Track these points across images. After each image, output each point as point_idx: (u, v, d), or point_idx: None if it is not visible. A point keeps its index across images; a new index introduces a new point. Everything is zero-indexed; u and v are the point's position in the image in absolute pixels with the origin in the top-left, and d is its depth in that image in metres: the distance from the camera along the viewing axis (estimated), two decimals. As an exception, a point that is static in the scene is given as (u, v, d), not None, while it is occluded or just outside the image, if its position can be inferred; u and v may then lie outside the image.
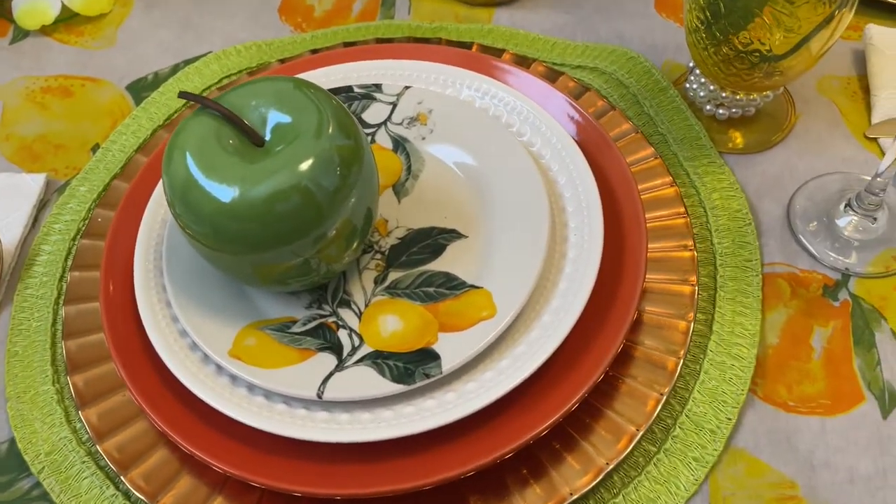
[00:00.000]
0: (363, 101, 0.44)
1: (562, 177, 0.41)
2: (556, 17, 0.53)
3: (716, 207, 0.43)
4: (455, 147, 0.42)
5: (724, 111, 0.46)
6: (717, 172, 0.44)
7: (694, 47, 0.43)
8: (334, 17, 0.55)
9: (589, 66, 0.50)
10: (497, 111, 0.43)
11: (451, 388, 0.34)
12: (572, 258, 0.38)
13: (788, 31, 0.39)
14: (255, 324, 0.37)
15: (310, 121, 0.33)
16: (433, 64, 0.45)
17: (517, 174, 0.40)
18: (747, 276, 0.41)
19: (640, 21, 0.53)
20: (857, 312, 0.40)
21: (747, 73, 0.42)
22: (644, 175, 0.43)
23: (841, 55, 0.50)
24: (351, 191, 0.34)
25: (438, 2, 0.55)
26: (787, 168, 0.45)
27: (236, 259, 0.34)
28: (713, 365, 0.38)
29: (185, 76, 0.51)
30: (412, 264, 0.39)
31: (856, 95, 0.48)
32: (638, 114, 0.47)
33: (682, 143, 0.46)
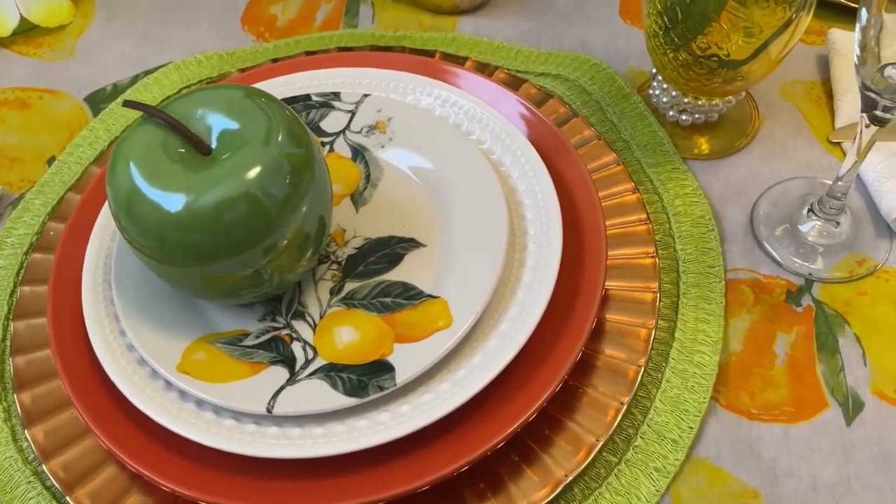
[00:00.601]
0: (321, 109, 0.43)
1: (521, 184, 0.40)
2: (521, 25, 0.53)
3: (679, 213, 0.43)
4: (414, 155, 0.42)
5: (688, 117, 0.46)
6: (681, 178, 0.44)
7: (654, 53, 0.43)
8: (297, 27, 0.54)
9: (552, 74, 0.49)
10: (457, 119, 0.43)
11: (406, 401, 0.33)
12: (531, 266, 0.37)
13: (747, 36, 0.39)
14: (206, 337, 0.36)
15: (258, 128, 0.33)
16: (393, 72, 0.45)
17: (476, 182, 0.39)
18: (710, 282, 0.40)
19: (604, 28, 0.53)
20: (821, 318, 0.39)
21: (707, 78, 0.41)
22: (606, 181, 0.43)
23: (804, 60, 0.50)
24: (302, 199, 0.33)
25: (402, 10, 0.55)
26: (751, 173, 0.45)
27: (184, 272, 0.33)
28: (675, 373, 0.37)
29: (144, 87, 0.50)
30: (369, 274, 0.38)
31: (819, 100, 0.48)
32: (601, 120, 0.47)
33: (646, 150, 0.46)
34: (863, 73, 0.34)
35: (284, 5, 0.55)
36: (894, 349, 0.38)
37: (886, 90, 0.34)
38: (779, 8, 0.38)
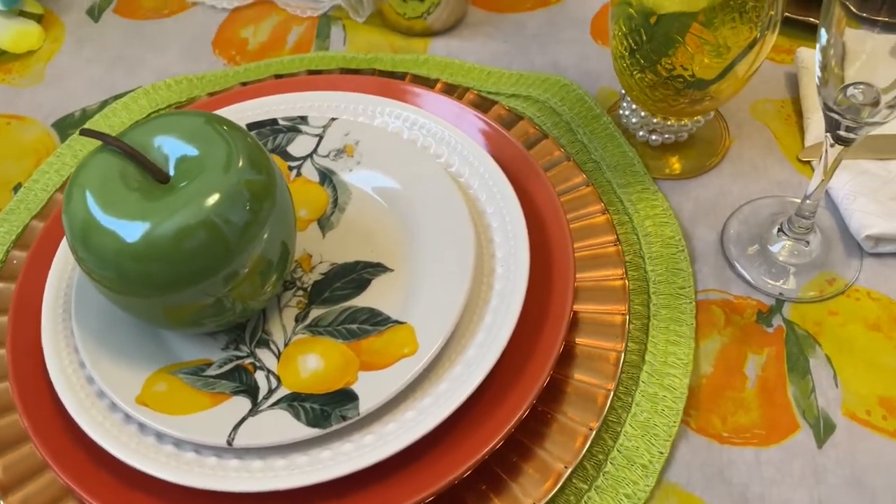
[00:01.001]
0: (288, 133, 0.43)
1: (490, 206, 0.40)
2: (493, 46, 0.53)
3: (649, 234, 0.43)
4: (382, 178, 0.41)
5: (658, 137, 0.46)
6: (651, 199, 0.44)
7: (621, 74, 0.43)
8: (269, 50, 0.54)
9: (523, 95, 0.49)
10: (426, 142, 0.43)
11: (370, 430, 0.33)
12: (498, 290, 0.37)
13: (714, 57, 0.39)
14: (167, 368, 0.35)
15: (217, 155, 0.32)
16: (362, 95, 0.44)
17: (444, 205, 0.39)
18: (680, 303, 0.40)
19: (575, 48, 0.53)
20: (792, 339, 0.39)
21: (674, 98, 0.41)
22: (576, 203, 0.43)
23: (774, 79, 0.50)
24: (263, 226, 0.33)
25: (374, 32, 0.54)
26: (722, 193, 0.45)
27: (144, 302, 0.32)
28: (645, 397, 0.37)
29: (112, 112, 0.50)
30: (335, 300, 0.37)
31: (789, 119, 0.48)
32: (571, 141, 0.47)
33: (616, 170, 0.45)
34: (825, 94, 0.34)
35: (256, 28, 0.55)
36: (865, 370, 0.38)
37: (849, 110, 0.34)
38: (745, 28, 0.38)
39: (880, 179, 0.43)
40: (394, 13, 0.53)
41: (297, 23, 0.55)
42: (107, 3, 0.57)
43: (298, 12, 0.55)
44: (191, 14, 0.56)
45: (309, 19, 0.55)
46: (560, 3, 0.56)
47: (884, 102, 0.33)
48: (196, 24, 0.56)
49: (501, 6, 0.56)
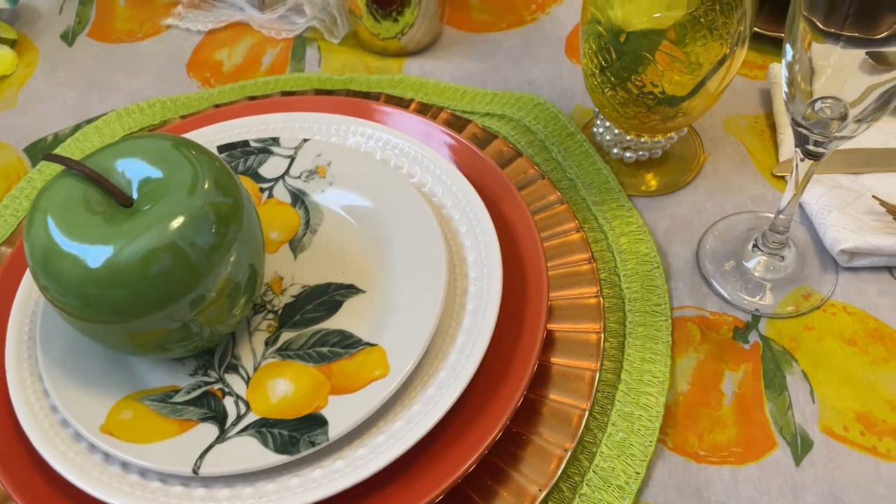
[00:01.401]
0: (260, 155, 0.43)
1: (463, 225, 0.40)
2: (468, 66, 0.53)
3: (624, 252, 0.42)
4: (355, 199, 0.41)
5: (632, 154, 0.46)
6: (626, 216, 0.44)
7: (593, 91, 0.43)
8: (244, 72, 0.54)
9: (497, 114, 0.49)
10: (398, 161, 0.42)
11: (340, 456, 0.32)
12: (471, 310, 0.36)
13: (685, 73, 0.39)
14: (134, 395, 0.35)
15: (182, 179, 0.32)
16: (334, 116, 0.44)
17: (417, 225, 0.39)
18: (656, 321, 0.40)
19: (549, 67, 0.53)
20: (768, 354, 0.39)
21: (645, 115, 0.41)
22: (550, 221, 0.42)
23: (747, 94, 0.50)
24: (229, 249, 0.32)
25: (349, 53, 0.54)
26: (696, 209, 0.45)
27: (108, 329, 0.32)
28: (621, 416, 0.36)
29: (84, 136, 0.49)
30: (306, 323, 0.37)
31: (763, 134, 0.48)
32: (546, 159, 0.47)
33: (591, 188, 0.45)
34: (793, 109, 0.34)
35: (230, 51, 0.55)
36: (842, 385, 0.37)
37: (816, 125, 0.34)
38: (715, 44, 0.39)
39: (854, 193, 0.43)
40: (368, 34, 0.53)
41: (272, 45, 0.55)
42: (81, 28, 0.57)
43: (273, 34, 0.55)
44: (165, 37, 0.56)
45: (284, 41, 0.55)
46: (534, 23, 0.56)
47: (851, 116, 0.33)
48: (170, 46, 0.55)
49: (476, 26, 0.56)
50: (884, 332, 0.39)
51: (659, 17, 0.37)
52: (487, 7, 0.57)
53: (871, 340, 0.39)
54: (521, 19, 0.56)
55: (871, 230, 0.41)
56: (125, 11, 0.58)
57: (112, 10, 0.58)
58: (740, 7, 0.38)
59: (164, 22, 0.57)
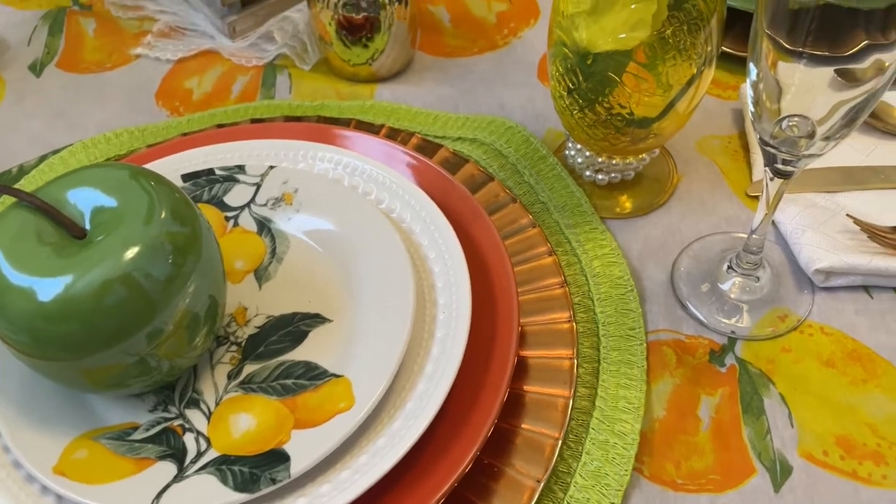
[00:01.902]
0: (225, 183, 0.42)
1: (432, 252, 0.39)
2: (440, 90, 0.53)
3: (597, 275, 0.42)
4: (321, 226, 0.40)
5: (604, 176, 0.45)
6: (599, 239, 0.43)
7: (562, 114, 0.42)
8: (213, 100, 0.53)
9: (468, 138, 0.49)
10: (367, 188, 0.42)
11: (302, 493, 0.31)
12: (440, 338, 0.35)
13: (652, 95, 0.39)
14: (90, 433, 0.33)
15: (138, 208, 0.31)
16: (302, 142, 0.44)
17: (385, 252, 0.38)
18: (631, 345, 0.39)
19: (521, 91, 0.52)
20: (745, 378, 0.38)
21: (614, 137, 0.41)
22: (522, 245, 0.42)
23: (719, 114, 0.50)
24: (187, 280, 0.31)
25: (319, 80, 0.54)
26: (671, 231, 0.44)
27: (62, 366, 0.31)
28: (595, 444, 0.35)
29: (49, 167, 0.49)
30: (271, 354, 0.36)
31: (736, 154, 0.48)
32: (518, 183, 0.46)
33: (564, 211, 0.45)
34: (760, 129, 0.34)
35: (200, 79, 0.54)
36: (821, 408, 0.36)
37: (784, 143, 0.33)
38: (684, 65, 0.38)
39: (828, 212, 0.43)
40: (339, 60, 0.53)
41: (243, 72, 0.55)
42: (49, 58, 0.57)
43: (244, 62, 0.55)
44: (135, 66, 0.56)
45: (254, 68, 0.55)
46: (507, 47, 0.56)
47: (819, 134, 0.32)
48: (140, 76, 0.55)
49: (448, 51, 0.56)
50: (861, 352, 0.38)
51: (624, 38, 0.37)
52: (460, 32, 0.57)
53: (849, 361, 0.38)
54: (493, 43, 0.56)
55: (846, 249, 0.40)
56: (94, 42, 0.58)
57: (81, 41, 0.58)
58: (707, 27, 0.38)
59: (133, 51, 0.56)
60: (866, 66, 0.30)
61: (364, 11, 0.50)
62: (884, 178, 0.44)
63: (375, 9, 0.50)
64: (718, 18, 0.38)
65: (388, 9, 0.50)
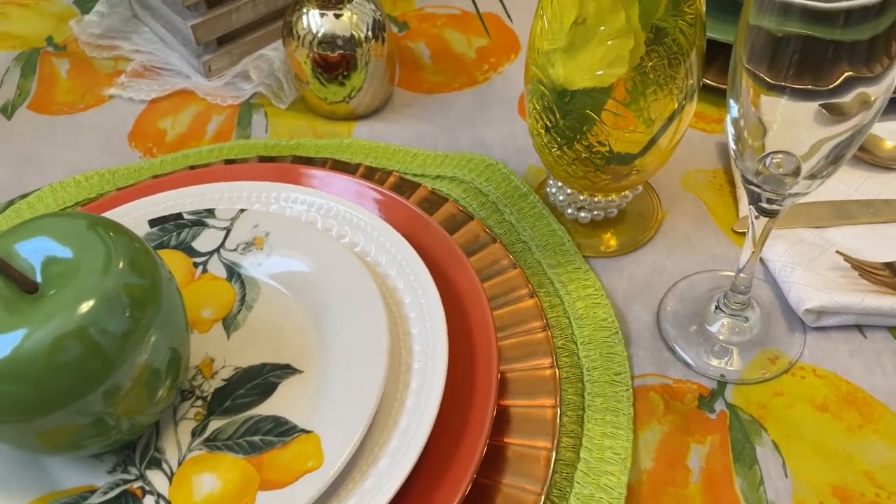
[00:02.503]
0: (194, 228, 0.40)
1: (407, 296, 0.37)
2: (419, 128, 0.52)
3: (581, 317, 0.40)
4: (293, 272, 0.39)
5: (586, 214, 0.44)
6: (582, 279, 0.42)
7: (541, 151, 0.41)
8: (188, 140, 0.52)
9: (448, 176, 0.48)
10: (340, 230, 0.40)
11: (267, 560, 0.29)
12: (415, 388, 0.34)
13: (633, 131, 0.38)
14: (44, 498, 0.31)
15: (93, 260, 0.30)
16: (274, 184, 0.42)
17: (358, 299, 0.36)
18: (617, 391, 0.37)
19: (502, 127, 0.51)
20: (736, 424, 0.36)
21: (595, 175, 0.40)
22: (503, 286, 0.40)
23: (704, 149, 0.49)
24: (146, 333, 0.30)
25: (296, 118, 0.53)
26: (656, 269, 0.43)
27: (13, 427, 0.29)
28: (580, 500, 0.34)
29: (16, 213, 0.47)
30: (238, 409, 0.34)
31: (722, 189, 0.47)
32: (499, 222, 0.45)
33: (546, 250, 0.43)
34: (742, 167, 0.32)
35: (174, 119, 0.53)
36: (815, 456, 0.35)
37: (768, 181, 0.32)
38: (666, 99, 0.37)
39: (817, 248, 0.41)
40: (316, 98, 0.52)
41: (218, 112, 0.54)
42: (21, 100, 0.56)
43: (219, 101, 0.54)
44: (108, 107, 0.55)
45: (230, 108, 0.54)
46: (487, 83, 0.55)
47: (804, 171, 0.31)
48: (112, 117, 0.54)
49: (428, 87, 0.55)
50: (857, 395, 0.37)
51: (602, 74, 0.36)
52: (439, 68, 0.56)
53: (843, 405, 0.36)
54: (473, 79, 0.55)
55: (837, 287, 0.39)
56: (67, 83, 0.57)
57: (54, 82, 0.57)
58: (687, 60, 0.37)
59: (106, 92, 0.55)
60: (850, 99, 0.29)
61: (340, 49, 0.49)
62: (874, 212, 0.43)
63: (351, 46, 0.49)
64: (699, 51, 0.37)
65: (365, 46, 0.49)
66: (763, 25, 0.28)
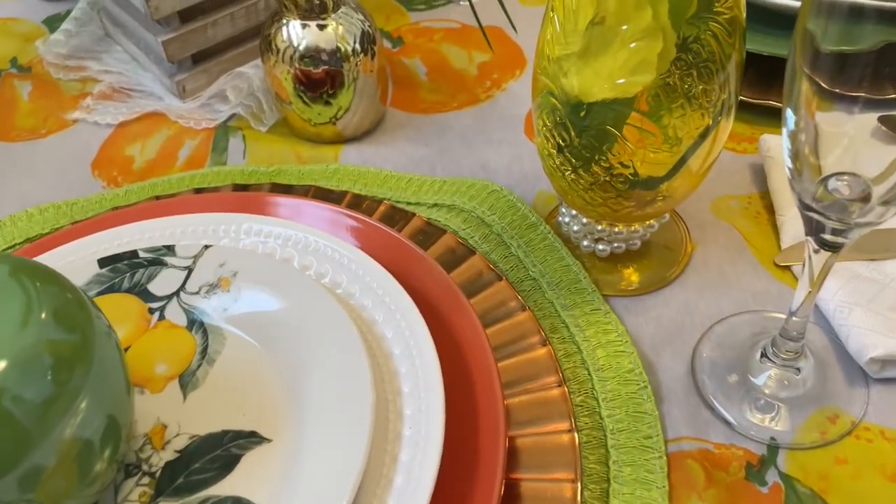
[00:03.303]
0: (150, 267, 0.35)
1: (397, 346, 0.32)
2: (414, 151, 0.46)
3: (602, 368, 0.34)
4: (264, 319, 0.33)
5: (605, 246, 0.38)
6: (603, 322, 0.36)
7: (552, 175, 0.35)
8: (157, 168, 0.47)
9: (446, 204, 0.42)
10: (320, 269, 0.35)
11: None
12: (405, 462, 0.28)
13: (659, 150, 0.32)
14: None
15: (10, 312, 0.24)
16: (245, 215, 0.37)
17: (339, 352, 0.31)
18: (648, 459, 0.31)
19: (507, 149, 0.46)
20: (793, 499, 0.30)
21: (616, 202, 0.34)
22: (510, 333, 0.35)
23: (736, 171, 0.43)
24: (74, 400, 0.25)
25: (277, 142, 0.48)
26: (688, 310, 0.37)
27: None
28: None
29: (-42, 250, 0.42)
30: (192, 488, 0.28)
31: (759, 216, 0.41)
32: (505, 256, 0.39)
33: (559, 289, 0.38)
34: (799, 189, 0.27)
35: (143, 144, 0.48)
36: (894, 540, 0.29)
37: (832, 208, 0.26)
38: (695, 115, 0.32)
39: (876, 285, 0.35)
40: (299, 119, 0.47)
41: (191, 136, 0.48)
42: (-23, 126, 0.51)
43: (192, 124, 0.49)
44: (71, 132, 0.49)
45: (204, 131, 0.49)
46: (490, 101, 0.50)
47: (877, 197, 0.26)
48: (75, 143, 0.49)
49: (424, 107, 0.50)
50: (937, 463, 0.31)
51: (624, 83, 0.30)
52: (437, 85, 0.51)
53: (922, 475, 0.30)
54: (474, 97, 0.50)
55: (904, 331, 0.33)
56: (28, 106, 0.52)
57: (14, 106, 0.52)
58: (722, 71, 0.31)
59: (70, 116, 0.50)
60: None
61: (324, 64, 0.44)
62: (937, 242, 0.37)
63: (337, 61, 0.44)
64: (738, 61, 0.31)
65: (353, 60, 0.44)
66: (828, 29, 0.23)
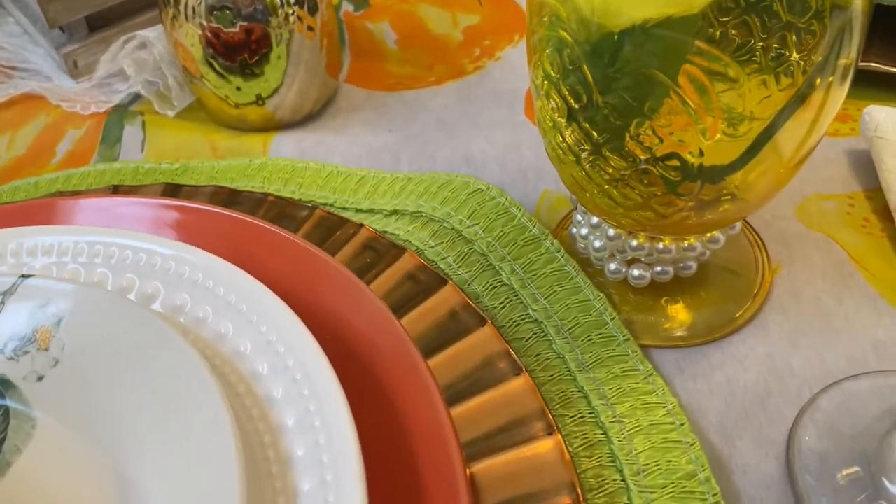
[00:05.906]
0: (-68, 312, 0.22)
1: (300, 446, 0.19)
2: (373, 139, 0.34)
3: (647, 467, 0.21)
4: (96, 400, 0.21)
5: (643, 272, 0.25)
6: (642, 391, 0.23)
7: (561, 163, 0.23)
8: (27, 166, 0.35)
9: (409, 212, 0.29)
10: (196, 312, 0.22)
11: None
12: None
13: (738, 119, 0.19)
14: None
15: None
16: (90, 228, 0.25)
17: (201, 444, 0.19)
18: None
19: (501, 134, 0.33)
20: None
21: (661, 201, 0.21)
22: (498, 410, 0.22)
23: (828, 160, 0.30)
24: None
25: (187, 130, 0.35)
26: (773, 371, 0.24)
27: None
28: None
29: None
30: None
31: (869, 224, 0.28)
32: (491, 286, 0.26)
33: (574, 337, 0.25)
34: None
35: (12, 137, 0.36)
36: None
37: None
38: (796, 70, 0.19)
39: None
40: (215, 98, 0.34)
41: (76, 124, 0.36)
42: None
43: (79, 108, 0.37)
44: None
45: (93, 117, 0.36)
46: (478, 73, 0.37)
47: None
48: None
49: (391, 82, 0.37)
50: None
51: (680, -5, 0.18)
52: (410, 55, 0.39)
53: None
54: (459, 69, 0.38)
55: None
56: None
57: None
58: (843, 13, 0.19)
59: (-77, 101, 0.38)
60: None
61: (242, 19, 0.32)
62: None
63: (263, 16, 0.32)
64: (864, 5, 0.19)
65: (283, 13, 0.32)
66: None
